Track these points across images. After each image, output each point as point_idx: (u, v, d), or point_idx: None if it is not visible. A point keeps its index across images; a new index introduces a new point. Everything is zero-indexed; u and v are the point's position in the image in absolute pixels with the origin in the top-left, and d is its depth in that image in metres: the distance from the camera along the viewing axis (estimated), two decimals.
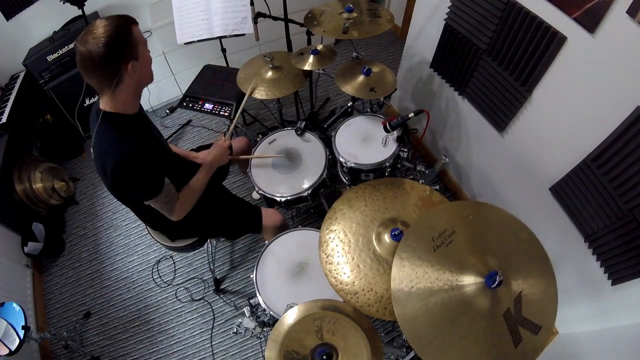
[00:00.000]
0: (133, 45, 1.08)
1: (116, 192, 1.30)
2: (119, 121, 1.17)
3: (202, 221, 1.59)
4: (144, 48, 1.13)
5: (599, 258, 1.37)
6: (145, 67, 1.16)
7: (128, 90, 1.14)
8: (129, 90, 1.15)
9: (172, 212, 1.33)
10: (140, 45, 1.11)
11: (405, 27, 3.14)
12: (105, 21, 1.05)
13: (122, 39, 1.05)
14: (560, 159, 1.44)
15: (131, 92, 1.16)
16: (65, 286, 2.29)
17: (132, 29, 1.08)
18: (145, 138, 1.24)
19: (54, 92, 2.44)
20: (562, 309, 1.66)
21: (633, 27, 1.04)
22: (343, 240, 1.21)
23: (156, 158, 1.23)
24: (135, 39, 1.09)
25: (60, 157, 2.82)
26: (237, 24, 2.10)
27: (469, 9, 1.61)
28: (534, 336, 0.90)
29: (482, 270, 0.94)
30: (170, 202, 1.30)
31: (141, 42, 1.12)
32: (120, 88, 1.12)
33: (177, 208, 1.34)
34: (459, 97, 1.95)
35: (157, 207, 1.29)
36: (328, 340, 1.03)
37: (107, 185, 1.26)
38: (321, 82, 3.02)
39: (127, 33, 1.06)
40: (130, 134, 1.17)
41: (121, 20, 1.07)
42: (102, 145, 1.17)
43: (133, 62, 1.09)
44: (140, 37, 1.12)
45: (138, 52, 1.10)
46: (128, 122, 1.19)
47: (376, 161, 1.60)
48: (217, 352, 1.97)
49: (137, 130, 1.21)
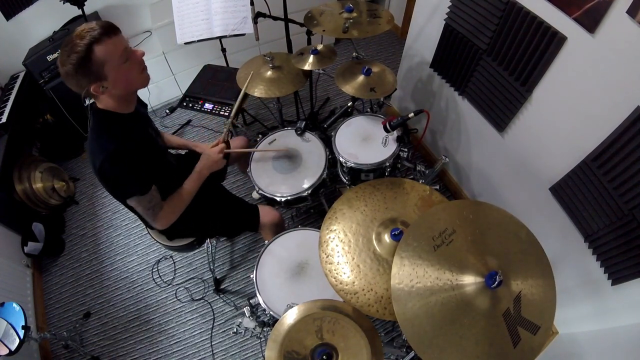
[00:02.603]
0: (96, 69, 1.04)
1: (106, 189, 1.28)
2: (110, 119, 1.17)
3: (198, 220, 1.59)
4: (115, 65, 1.07)
5: (599, 258, 1.37)
6: (121, 81, 1.12)
7: (108, 99, 1.15)
8: (109, 99, 1.15)
9: (154, 219, 1.31)
10: (107, 65, 1.05)
11: (405, 27, 3.14)
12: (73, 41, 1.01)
13: (80, 66, 1.02)
14: (560, 159, 1.44)
15: (112, 100, 1.16)
16: (65, 286, 2.29)
17: (94, 52, 1.02)
18: (138, 138, 1.23)
19: (54, 92, 2.43)
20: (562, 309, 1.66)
21: (633, 27, 1.04)
22: (343, 240, 1.21)
23: (146, 159, 1.22)
24: (99, 62, 1.04)
25: (60, 157, 2.82)
26: (237, 23, 2.10)
27: (469, 9, 1.61)
28: (532, 336, 0.90)
29: (482, 270, 0.94)
30: (153, 209, 1.28)
31: (110, 61, 1.05)
32: (96, 97, 1.13)
33: (160, 216, 1.31)
34: (459, 97, 1.95)
35: (140, 211, 1.27)
36: (328, 340, 1.03)
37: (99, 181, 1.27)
38: (321, 82, 3.02)
39: (86, 60, 1.02)
40: (120, 133, 1.17)
41: (85, 42, 1.01)
42: (92, 142, 1.17)
43: (98, 83, 1.07)
44: (110, 56, 1.05)
45: (104, 73, 1.06)
46: (120, 120, 1.19)
47: (376, 161, 1.60)
48: (217, 352, 1.97)
49: (130, 130, 1.20)
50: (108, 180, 1.19)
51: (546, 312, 0.94)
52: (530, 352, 0.89)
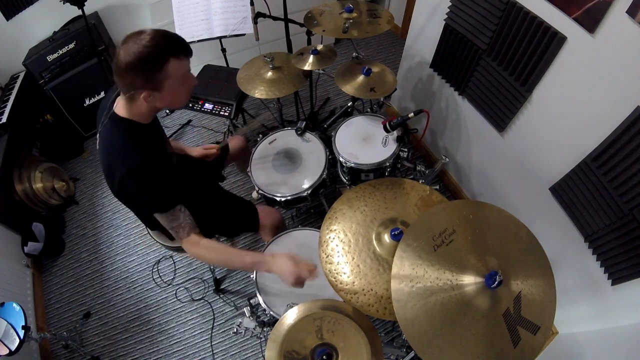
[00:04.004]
0: (159, 79, 1.01)
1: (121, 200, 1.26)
2: (134, 129, 1.13)
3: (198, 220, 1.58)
4: (175, 83, 1.05)
5: (599, 258, 1.37)
6: (170, 99, 1.09)
7: (142, 107, 1.10)
8: (143, 108, 1.10)
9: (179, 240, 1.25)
10: (170, 80, 1.03)
11: (405, 27, 3.14)
12: (149, 38, 0.98)
13: (147, 68, 0.98)
14: (561, 159, 1.44)
15: (145, 110, 1.12)
16: (65, 286, 2.29)
17: (168, 60, 0.99)
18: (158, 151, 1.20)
19: (54, 92, 2.43)
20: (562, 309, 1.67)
21: (633, 27, 1.04)
22: (343, 240, 1.21)
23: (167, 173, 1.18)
24: (166, 73, 1.01)
25: (60, 157, 2.82)
26: (237, 24, 2.10)
27: (469, 9, 1.61)
28: (532, 336, 0.90)
29: (482, 270, 0.94)
30: (177, 230, 1.21)
31: (174, 77, 1.03)
32: (135, 102, 1.08)
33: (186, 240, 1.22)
34: (459, 97, 1.95)
35: (164, 225, 1.22)
36: (328, 340, 1.03)
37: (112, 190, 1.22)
38: (321, 82, 3.02)
39: (158, 64, 0.99)
40: (143, 144, 1.13)
41: (163, 46, 0.98)
42: (112, 149, 1.13)
43: (151, 91, 1.03)
44: (176, 73, 1.03)
45: (162, 85, 1.03)
46: (141, 131, 1.15)
47: (376, 161, 1.60)
48: (217, 352, 1.97)
49: (151, 142, 1.17)
50: (130, 196, 1.15)
51: (546, 312, 0.94)
52: (531, 352, 0.89)
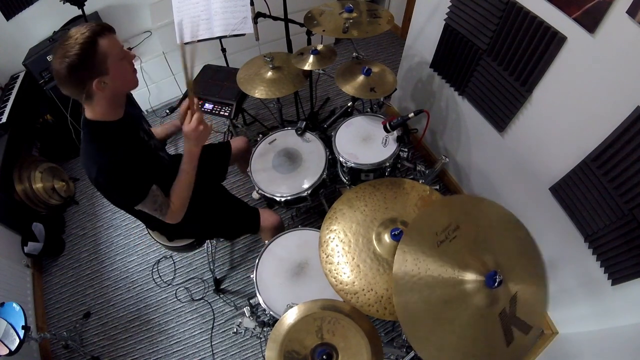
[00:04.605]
0: (99, 62, 1.05)
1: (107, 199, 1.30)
2: (99, 130, 1.17)
3: (199, 222, 1.58)
4: (116, 60, 1.09)
5: (599, 258, 1.37)
6: (120, 78, 1.12)
7: (102, 101, 1.13)
8: (103, 101, 1.13)
9: (165, 217, 1.31)
10: (110, 58, 1.06)
11: (405, 27, 3.14)
12: (74, 35, 1.02)
13: (85, 58, 1.02)
14: (560, 159, 1.44)
15: (106, 103, 1.14)
16: (65, 286, 2.29)
17: (98, 44, 1.03)
18: (129, 145, 1.22)
19: (54, 92, 2.43)
20: (562, 309, 1.67)
21: (633, 27, 1.04)
22: (343, 240, 1.21)
23: (139, 164, 1.21)
24: (103, 54, 1.05)
25: (60, 157, 2.82)
26: (237, 24, 2.10)
27: (469, 9, 1.61)
28: (524, 336, 0.92)
29: (482, 270, 0.94)
30: (161, 208, 1.27)
31: (112, 54, 1.07)
32: (93, 100, 1.11)
33: (170, 210, 1.30)
34: (459, 97, 1.95)
35: (149, 213, 1.27)
36: (328, 340, 1.03)
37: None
38: (321, 82, 3.02)
39: (92, 51, 1.02)
40: (110, 143, 1.16)
41: (88, 34, 1.02)
42: (83, 155, 1.18)
43: (100, 78, 1.06)
44: (111, 50, 1.07)
45: (107, 67, 1.06)
46: (109, 130, 1.18)
47: (376, 161, 1.60)
48: (217, 352, 1.97)
49: (119, 138, 1.19)
50: (105, 192, 1.21)
51: (538, 312, 0.95)
52: (522, 350, 0.91)
